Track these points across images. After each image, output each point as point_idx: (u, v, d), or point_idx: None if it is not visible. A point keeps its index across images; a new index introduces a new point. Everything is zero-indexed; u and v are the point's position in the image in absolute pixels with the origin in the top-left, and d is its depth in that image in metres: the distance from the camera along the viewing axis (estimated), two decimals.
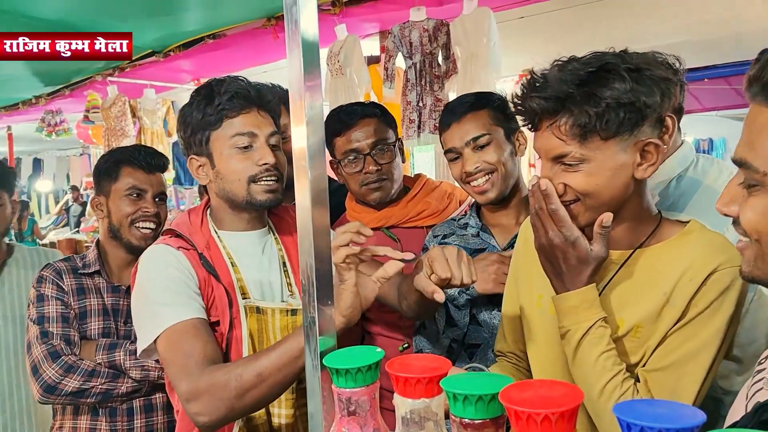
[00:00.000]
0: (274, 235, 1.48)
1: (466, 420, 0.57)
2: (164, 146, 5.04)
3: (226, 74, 1.45)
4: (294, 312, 1.36)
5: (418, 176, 1.86)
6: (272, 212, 1.51)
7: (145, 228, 1.77)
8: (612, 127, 0.98)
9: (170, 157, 5.14)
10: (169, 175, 5.13)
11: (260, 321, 1.34)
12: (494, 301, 1.45)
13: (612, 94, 0.96)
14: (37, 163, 11.14)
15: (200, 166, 1.40)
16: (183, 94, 5.13)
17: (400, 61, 3.63)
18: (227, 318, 1.31)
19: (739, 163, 0.71)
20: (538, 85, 1.03)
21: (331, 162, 1.74)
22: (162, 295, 1.29)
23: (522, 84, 1.08)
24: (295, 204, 1.81)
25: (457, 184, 1.87)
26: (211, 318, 1.31)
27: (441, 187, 1.82)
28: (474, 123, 1.48)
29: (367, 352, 0.71)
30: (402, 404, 0.64)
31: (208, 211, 1.45)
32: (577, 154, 1.00)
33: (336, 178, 1.85)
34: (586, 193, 1.03)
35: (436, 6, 3.49)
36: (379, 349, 0.71)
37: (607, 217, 1.03)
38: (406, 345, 1.65)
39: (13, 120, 6.32)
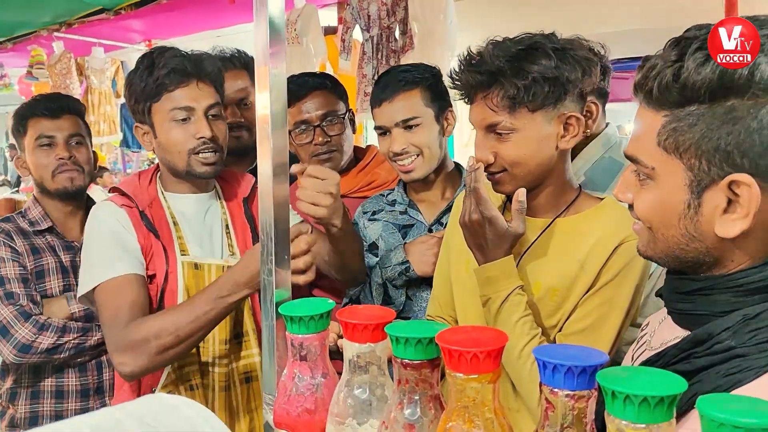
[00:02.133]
0: (219, 199, 1.55)
1: (406, 360, 0.64)
2: (112, 107, 4.92)
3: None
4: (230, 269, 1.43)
5: (369, 147, 1.92)
6: (221, 177, 1.57)
7: (66, 174, 1.78)
8: (538, 99, 1.08)
9: (118, 120, 5.02)
10: (116, 138, 5.02)
11: (197, 276, 1.42)
12: (428, 281, 1.52)
13: (538, 69, 1.07)
14: None
15: (144, 133, 1.46)
16: (133, 54, 4.98)
17: (357, 34, 3.64)
18: (163, 272, 1.39)
19: (630, 158, 0.80)
20: (473, 61, 1.14)
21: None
22: (100, 251, 1.39)
23: (459, 60, 1.17)
24: (243, 171, 1.85)
25: None
26: (149, 271, 1.41)
27: None
28: (405, 103, 1.51)
29: (319, 303, 0.77)
30: (349, 348, 0.70)
31: (158, 174, 1.52)
32: (507, 123, 1.11)
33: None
34: (514, 163, 1.14)
35: None
36: (330, 300, 0.78)
37: (521, 193, 1.13)
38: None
39: None
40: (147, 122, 1.44)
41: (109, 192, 1.54)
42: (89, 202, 1.89)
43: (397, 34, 3.50)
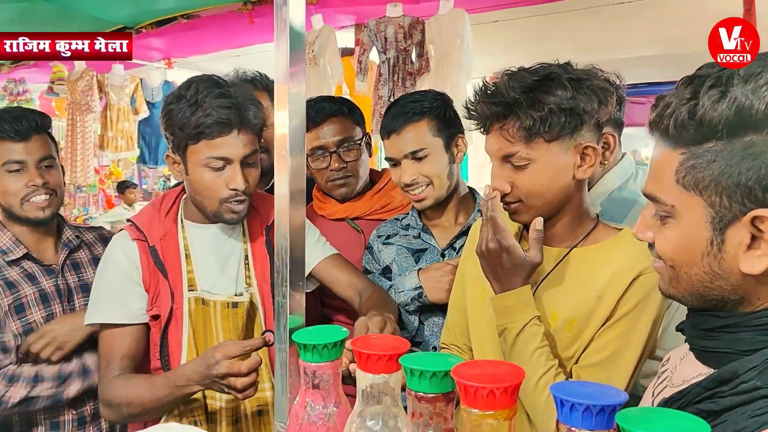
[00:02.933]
0: (242, 228, 1.51)
1: (420, 393, 0.63)
2: (130, 123, 4.98)
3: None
4: (235, 305, 1.42)
5: (384, 170, 1.92)
6: (249, 203, 1.51)
7: (38, 200, 1.62)
8: (554, 130, 1.08)
9: (135, 136, 5.08)
10: (133, 154, 5.07)
11: (205, 312, 1.40)
12: (441, 307, 1.51)
13: (554, 100, 1.07)
14: None
15: (175, 163, 1.43)
16: (152, 71, 5.06)
17: (374, 56, 3.68)
18: (167, 310, 1.38)
19: (649, 197, 0.79)
20: (489, 92, 1.14)
21: None
22: (107, 289, 1.41)
23: (474, 90, 1.17)
24: (267, 190, 1.85)
25: None
26: (152, 311, 1.40)
27: None
28: (413, 135, 1.51)
29: (332, 330, 0.77)
30: (363, 378, 0.70)
31: (183, 197, 1.50)
32: (523, 154, 1.11)
33: None
34: (530, 193, 1.13)
35: (413, 3, 3.54)
36: (344, 329, 0.77)
37: (539, 222, 1.12)
38: None
39: None
40: (180, 156, 1.40)
41: (126, 221, 1.51)
42: (60, 222, 1.77)
43: (413, 56, 3.53)
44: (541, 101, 1.07)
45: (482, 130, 1.18)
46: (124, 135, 4.80)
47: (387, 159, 1.58)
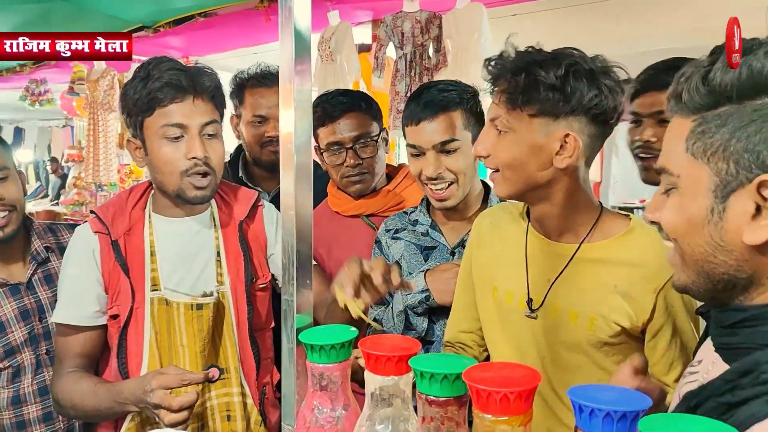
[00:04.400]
0: (214, 222, 1.43)
1: (431, 397, 0.60)
2: None
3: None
4: (200, 306, 1.33)
5: (401, 166, 1.88)
6: (219, 195, 1.46)
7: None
8: (534, 105, 1.06)
9: None
10: None
11: (168, 312, 1.33)
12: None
13: (543, 75, 1.05)
14: (19, 133, 10.92)
15: (136, 149, 1.37)
16: None
17: (390, 51, 3.64)
18: (127, 309, 1.32)
19: (660, 170, 0.77)
20: (504, 55, 1.12)
21: (316, 148, 1.75)
22: (65, 286, 1.38)
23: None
24: (270, 192, 1.83)
25: None
26: (112, 310, 1.35)
27: None
28: (445, 125, 1.43)
29: (341, 330, 0.74)
30: (372, 381, 0.67)
31: (152, 192, 1.43)
32: (504, 119, 1.09)
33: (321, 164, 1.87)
34: (506, 164, 1.11)
35: None
36: (352, 328, 0.74)
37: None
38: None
39: None
40: (139, 137, 1.34)
41: (90, 213, 1.45)
42: (29, 233, 1.65)
43: (430, 51, 3.49)
44: (531, 73, 1.05)
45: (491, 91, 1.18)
46: None
47: (409, 146, 1.49)
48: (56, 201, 7.81)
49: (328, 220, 1.76)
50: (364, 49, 4.07)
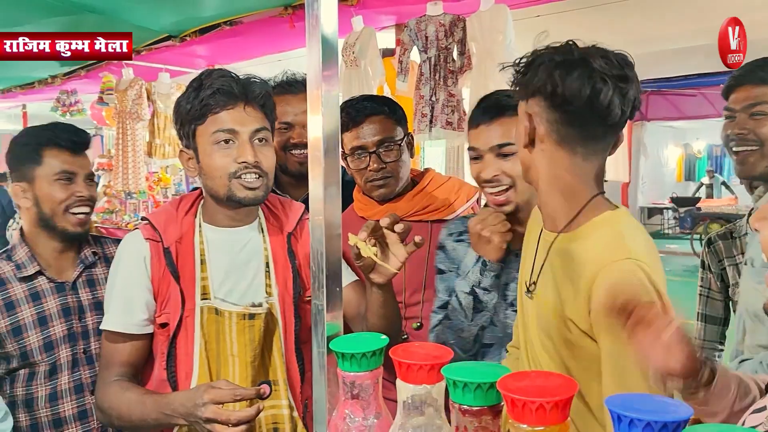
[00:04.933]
0: (263, 233, 1.43)
1: (465, 406, 0.60)
2: None
3: (230, 68, 1.45)
4: (252, 316, 1.33)
5: (426, 171, 1.88)
6: (267, 207, 1.47)
7: (81, 213, 1.64)
8: (516, 88, 1.14)
9: None
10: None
11: (218, 322, 1.32)
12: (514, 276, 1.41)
13: (525, 58, 1.11)
14: None
15: (189, 159, 1.39)
16: None
17: (414, 55, 3.64)
18: (177, 318, 1.31)
19: None
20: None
21: (341, 154, 1.76)
22: (116, 293, 1.38)
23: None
24: (297, 200, 1.84)
25: (466, 180, 1.86)
26: (160, 318, 1.34)
27: (449, 182, 1.83)
28: (504, 129, 1.42)
29: (371, 338, 0.74)
30: (404, 389, 0.66)
31: (202, 202, 1.45)
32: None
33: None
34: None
35: (454, 1, 3.49)
36: (383, 336, 0.74)
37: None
38: (419, 324, 1.68)
39: (28, 99, 6.39)
40: (191, 146, 1.37)
41: (141, 219, 1.49)
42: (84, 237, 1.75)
43: (455, 54, 3.48)
44: (527, 61, 1.12)
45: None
46: (171, 142, 4.90)
47: (470, 149, 1.48)
48: None
49: (355, 225, 1.76)
50: (387, 53, 4.08)
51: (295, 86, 1.87)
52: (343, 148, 1.74)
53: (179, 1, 3.78)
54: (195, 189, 1.55)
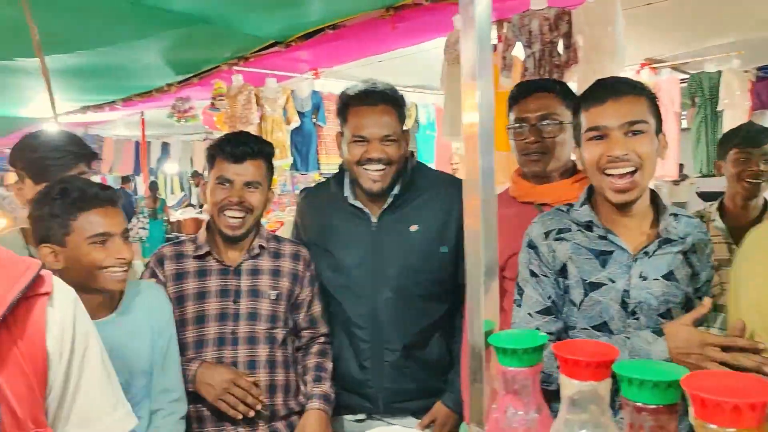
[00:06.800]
0: None
1: (640, 404, 0.59)
2: (283, 133, 5.28)
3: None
4: None
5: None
6: None
7: (231, 214, 1.76)
8: None
9: (288, 145, 5.38)
10: (287, 161, 5.37)
11: None
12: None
13: None
14: (165, 147, 11.95)
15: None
16: (302, 83, 5.33)
17: (518, 51, 3.58)
18: None
19: None
20: None
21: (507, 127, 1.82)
22: None
23: None
24: (376, 213, 1.84)
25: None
26: None
27: None
28: (633, 106, 1.34)
29: (529, 335, 0.74)
30: (569, 385, 0.67)
31: None
32: None
33: None
34: None
35: None
36: (542, 333, 0.74)
37: None
38: None
39: (146, 106, 6.81)
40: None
41: None
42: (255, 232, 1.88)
43: (560, 48, 3.39)
44: None
45: None
46: (278, 144, 5.09)
47: (590, 130, 1.37)
48: (200, 210, 8.45)
49: (504, 206, 1.72)
50: None
51: (372, 97, 1.83)
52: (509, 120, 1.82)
53: (285, 8, 3.92)
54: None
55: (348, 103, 1.87)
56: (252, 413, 1.68)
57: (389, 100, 1.83)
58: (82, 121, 7.42)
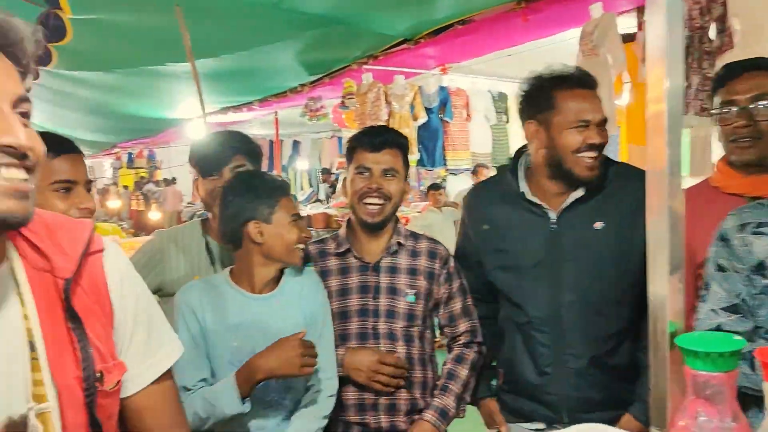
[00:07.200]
0: (17, 287, 0.83)
1: None
2: (410, 129, 5.34)
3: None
4: None
5: None
6: (26, 238, 0.86)
7: (370, 202, 1.79)
8: None
9: (415, 141, 5.44)
10: (414, 157, 5.43)
11: None
12: None
13: None
14: (296, 145, 12.52)
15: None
16: (429, 79, 5.36)
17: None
18: None
19: None
20: None
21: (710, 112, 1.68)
22: None
23: None
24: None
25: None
26: None
27: None
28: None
29: (723, 338, 0.69)
30: None
31: None
32: None
33: None
34: None
35: None
36: (737, 337, 0.69)
37: None
38: None
39: (280, 106, 7.17)
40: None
41: None
42: (394, 227, 1.89)
43: (712, 33, 3.14)
44: None
45: None
46: None
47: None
48: (328, 205, 8.78)
49: (705, 197, 1.62)
50: (628, 39, 3.82)
51: (588, 81, 1.72)
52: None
53: (415, 6, 3.95)
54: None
55: (554, 87, 1.73)
56: (402, 382, 1.76)
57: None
58: (222, 122, 7.93)
